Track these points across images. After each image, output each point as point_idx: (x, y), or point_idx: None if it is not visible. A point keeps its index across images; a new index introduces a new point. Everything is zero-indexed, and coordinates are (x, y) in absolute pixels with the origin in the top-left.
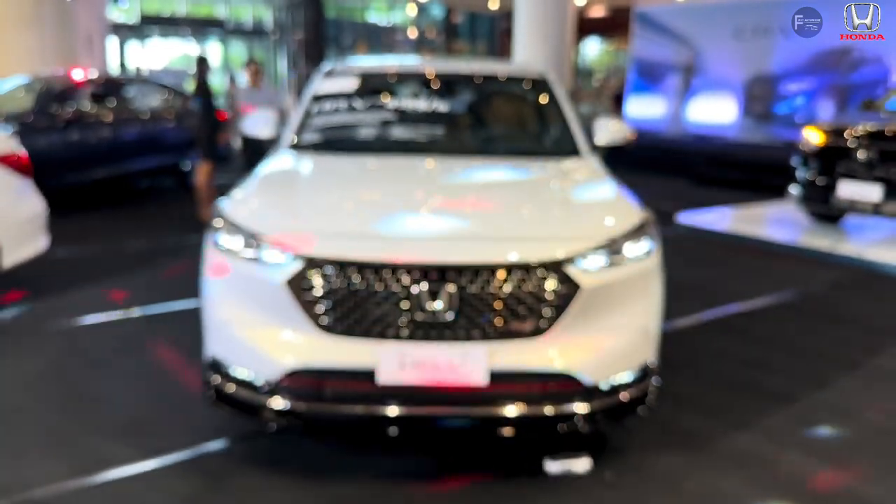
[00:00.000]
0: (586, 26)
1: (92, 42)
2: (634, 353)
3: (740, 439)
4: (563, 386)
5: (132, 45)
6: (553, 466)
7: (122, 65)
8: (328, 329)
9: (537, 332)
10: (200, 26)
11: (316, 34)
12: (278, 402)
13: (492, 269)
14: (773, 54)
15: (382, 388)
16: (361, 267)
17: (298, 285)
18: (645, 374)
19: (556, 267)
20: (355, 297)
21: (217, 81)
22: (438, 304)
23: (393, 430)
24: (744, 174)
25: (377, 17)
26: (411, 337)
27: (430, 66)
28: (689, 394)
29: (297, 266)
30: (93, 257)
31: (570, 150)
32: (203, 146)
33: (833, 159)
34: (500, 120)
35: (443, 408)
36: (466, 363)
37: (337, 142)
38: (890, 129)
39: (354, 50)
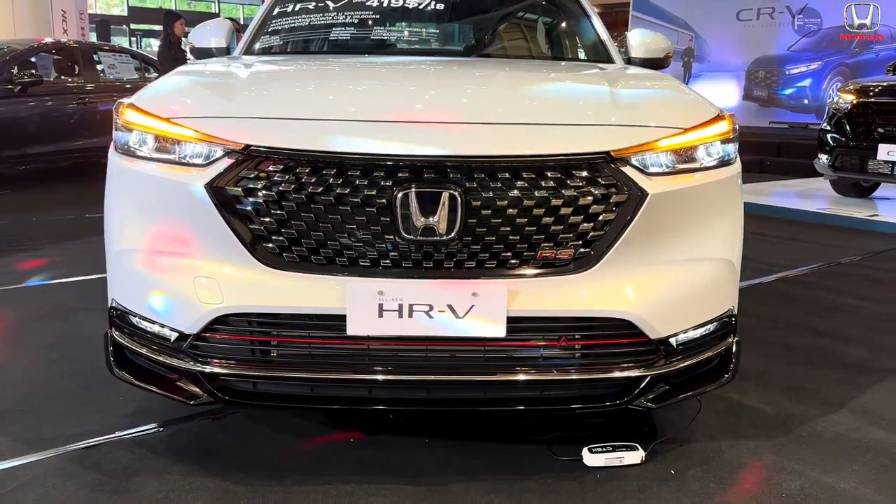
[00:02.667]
0: None
1: (66, 17)
2: (715, 298)
3: (829, 420)
4: (618, 339)
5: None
6: (594, 459)
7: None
8: (271, 255)
9: (582, 260)
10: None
11: None
12: (197, 364)
13: (515, 167)
14: (776, 36)
15: (353, 341)
16: (321, 163)
17: (225, 192)
18: (728, 328)
19: (610, 164)
20: (311, 208)
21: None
22: (435, 219)
23: (379, 405)
24: (747, 156)
25: None
26: (394, 268)
27: None
28: (753, 367)
29: (225, 163)
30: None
31: (604, 57)
32: None
33: (872, 120)
34: (514, 20)
35: (440, 373)
36: (478, 307)
37: (303, 45)
38: None
39: None
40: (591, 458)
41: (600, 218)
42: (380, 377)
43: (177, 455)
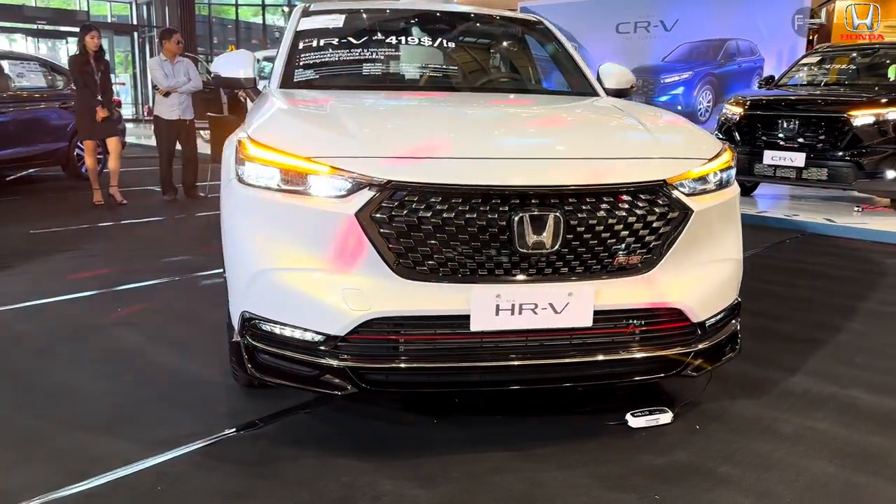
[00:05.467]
0: None
1: None
2: (731, 288)
3: (792, 382)
4: (672, 325)
5: None
6: (637, 421)
7: None
8: (408, 270)
9: (645, 264)
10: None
11: (189, 32)
12: (344, 363)
13: (599, 193)
14: (652, 48)
15: (475, 336)
16: (449, 193)
17: (370, 218)
18: (734, 312)
19: (666, 189)
20: (442, 229)
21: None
22: (543, 236)
23: (485, 387)
24: None
25: (252, 16)
26: (507, 276)
27: (421, 4)
28: None
29: (368, 195)
30: None
31: (588, 90)
32: (83, 122)
33: (756, 129)
34: (507, 60)
35: (538, 358)
36: (573, 304)
37: (335, 80)
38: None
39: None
40: (634, 421)
41: (660, 231)
42: (491, 364)
43: (297, 443)
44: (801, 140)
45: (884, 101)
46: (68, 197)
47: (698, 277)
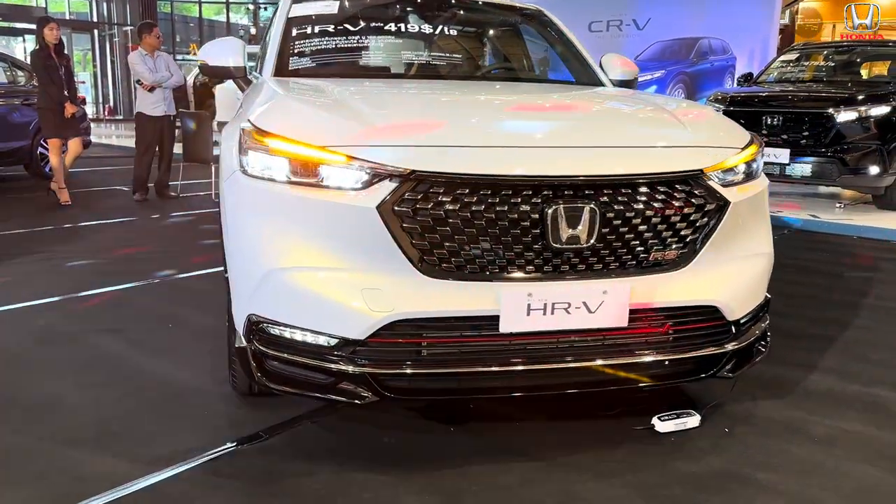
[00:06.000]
0: None
1: None
2: (763, 284)
3: (811, 380)
4: (707, 323)
5: None
6: (664, 425)
7: None
8: (433, 267)
9: (681, 259)
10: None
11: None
12: (364, 369)
13: (636, 184)
14: (624, 46)
15: (504, 338)
16: (478, 184)
17: (392, 212)
18: (765, 310)
19: (703, 179)
20: (471, 223)
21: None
22: (578, 229)
23: (514, 393)
24: None
25: (215, 14)
26: (538, 273)
27: None
28: None
29: (390, 187)
30: None
31: (594, 80)
32: (48, 120)
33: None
34: (511, 49)
35: (571, 361)
36: (608, 303)
37: (334, 67)
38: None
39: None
40: (662, 426)
41: (697, 224)
42: (520, 367)
43: (308, 457)
44: (784, 136)
45: (866, 97)
46: (32, 197)
47: (733, 273)
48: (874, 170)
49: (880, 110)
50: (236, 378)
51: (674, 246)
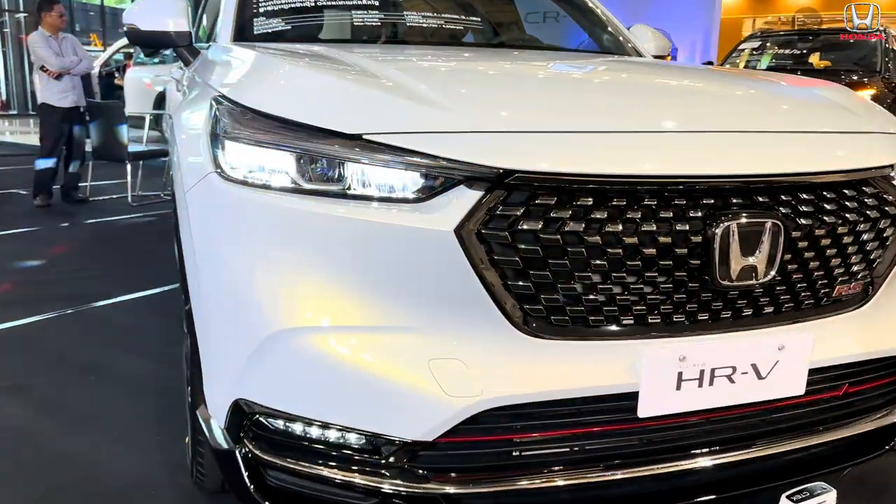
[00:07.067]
0: None
1: None
2: None
3: None
4: (886, 380)
5: None
6: None
7: None
8: (539, 321)
9: (866, 291)
10: None
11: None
12: (428, 487)
13: (825, 186)
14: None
15: (640, 424)
16: (612, 191)
17: (479, 237)
18: None
19: (891, 177)
20: (599, 253)
21: None
22: (757, 256)
23: None
24: None
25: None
26: (693, 324)
27: None
28: None
29: (473, 197)
30: None
31: (631, 52)
32: None
33: None
34: (508, 16)
35: (731, 452)
36: (783, 362)
37: (317, 30)
38: None
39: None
40: None
41: (888, 240)
42: (659, 469)
43: None
44: None
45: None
46: None
47: None
48: None
49: None
50: (203, 473)
51: (860, 274)
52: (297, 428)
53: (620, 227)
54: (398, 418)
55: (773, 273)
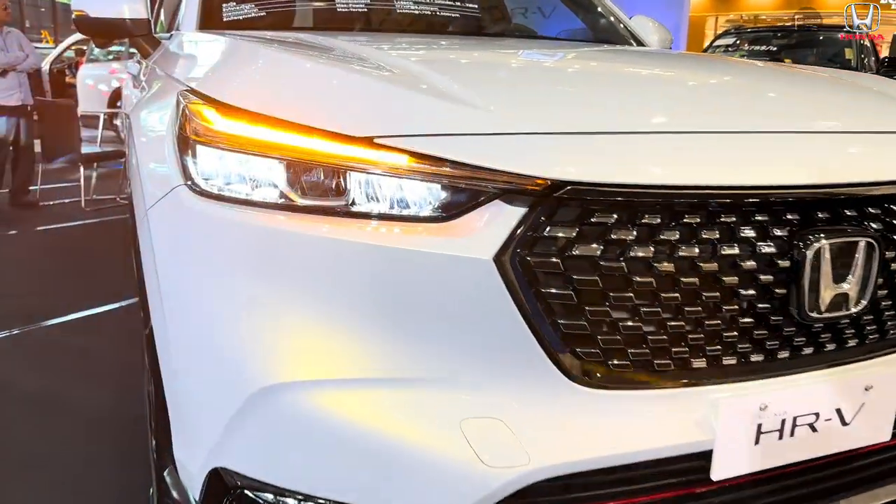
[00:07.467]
0: None
1: None
2: None
3: None
4: None
5: None
6: None
7: None
8: (596, 368)
9: None
10: None
11: None
12: None
13: None
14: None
15: (712, 486)
16: (681, 205)
17: (524, 265)
18: None
19: None
20: (669, 285)
21: None
22: (850, 283)
23: None
24: None
25: None
26: (776, 365)
27: None
28: None
29: (516, 215)
30: None
31: (635, 41)
32: None
33: None
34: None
35: None
36: (869, 405)
37: (292, 17)
38: None
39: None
40: None
41: None
42: None
43: None
44: None
45: None
46: None
47: None
48: None
49: None
50: None
51: None
52: None
53: (699, 251)
54: (423, 496)
55: (864, 301)
